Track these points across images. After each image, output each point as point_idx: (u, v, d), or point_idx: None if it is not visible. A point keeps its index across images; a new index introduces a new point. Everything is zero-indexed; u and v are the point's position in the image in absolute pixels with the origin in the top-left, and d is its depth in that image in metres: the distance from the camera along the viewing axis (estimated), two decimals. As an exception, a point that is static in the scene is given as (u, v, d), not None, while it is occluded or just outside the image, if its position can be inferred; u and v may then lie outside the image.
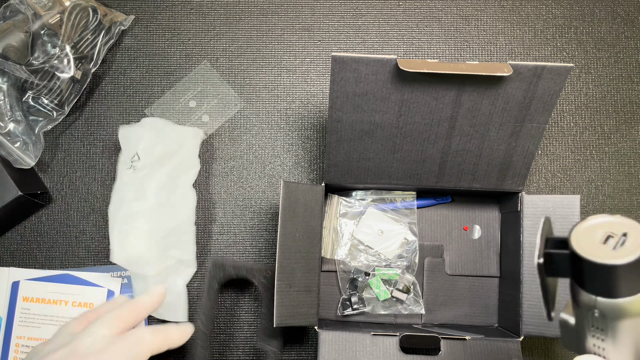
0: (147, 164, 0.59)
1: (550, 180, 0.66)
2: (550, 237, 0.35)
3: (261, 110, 0.66)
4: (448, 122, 0.54)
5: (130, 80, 0.66)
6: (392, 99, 0.52)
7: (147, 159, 0.59)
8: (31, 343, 0.61)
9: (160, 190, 0.59)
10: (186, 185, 0.61)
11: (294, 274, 0.53)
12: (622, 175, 0.66)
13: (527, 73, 0.50)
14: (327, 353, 0.53)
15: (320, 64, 0.67)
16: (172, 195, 0.60)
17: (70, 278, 0.62)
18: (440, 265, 0.63)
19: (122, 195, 0.59)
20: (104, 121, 0.66)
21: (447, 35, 0.67)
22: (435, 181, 0.58)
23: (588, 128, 0.66)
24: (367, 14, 0.68)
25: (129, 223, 0.58)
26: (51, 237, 0.64)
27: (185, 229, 0.61)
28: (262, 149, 0.66)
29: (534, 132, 0.54)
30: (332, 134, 0.55)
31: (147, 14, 0.67)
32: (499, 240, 0.63)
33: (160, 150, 0.59)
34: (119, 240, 0.58)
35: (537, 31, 0.68)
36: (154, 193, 0.59)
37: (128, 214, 0.58)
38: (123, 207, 0.58)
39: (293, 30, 0.67)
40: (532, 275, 0.56)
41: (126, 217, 0.58)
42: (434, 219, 0.64)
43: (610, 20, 0.68)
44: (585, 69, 0.67)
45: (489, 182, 0.58)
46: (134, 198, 0.58)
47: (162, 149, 0.59)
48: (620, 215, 0.33)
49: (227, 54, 0.67)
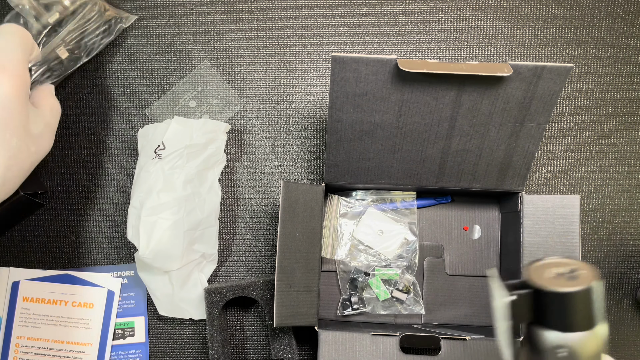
0: (174, 152, 0.58)
1: (550, 180, 0.66)
2: (505, 283, 0.36)
3: (261, 111, 0.66)
4: (448, 122, 0.54)
5: (130, 80, 0.66)
6: (392, 99, 0.52)
7: (173, 147, 0.58)
8: (31, 343, 0.61)
9: (188, 183, 0.58)
10: (213, 179, 0.61)
11: (294, 274, 0.53)
12: (622, 176, 0.66)
13: (527, 73, 0.50)
14: (327, 353, 0.53)
15: (320, 64, 0.67)
16: (200, 188, 0.59)
17: (71, 278, 0.62)
18: (440, 265, 0.63)
19: (148, 187, 0.57)
20: (104, 121, 0.66)
21: (447, 35, 0.67)
22: (435, 181, 0.58)
23: (588, 128, 0.66)
24: (367, 14, 0.68)
25: (156, 214, 0.56)
26: (51, 237, 0.64)
27: (210, 222, 0.60)
28: (262, 149, 0.66)
29: (533, 132, 0.54)
30: (332, 134, 0.55)
31: (147, 14, 0.67)
32: (499, 241, 0.63)
33: (187, 141, 0.58)
34: (145, 231, 0.56)
35: (537, 31, 0.68)
36: (182, 185, 0.57)
37: (155, 206, 0.56)
38: (150, 198, 0.57)
39: (293, 31, 0.67)
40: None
41: (153, 208, 0.56)
42: (434, 219, 0.64)
43: (610, 20, 0.68)
44: (585, 69, 0.67)
45: (489, 182, 0.58)
46: (161, 189, 0.57)
47: (190, 141, 0.58)
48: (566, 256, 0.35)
49: (227, 54, 0.67)
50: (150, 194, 0.57)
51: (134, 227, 0.57)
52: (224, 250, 0.64)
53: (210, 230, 0.61)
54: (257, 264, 0.64)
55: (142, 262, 0.58)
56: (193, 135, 0.59)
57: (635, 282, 0.64)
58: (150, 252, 0.56)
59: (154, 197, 0.57)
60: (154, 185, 0.57)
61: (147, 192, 0.57)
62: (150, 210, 0.57)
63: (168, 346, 0.63)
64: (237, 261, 0.64)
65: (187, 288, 0.60)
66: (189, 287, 0.60)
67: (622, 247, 0.65)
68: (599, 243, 0.65)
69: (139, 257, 0.57)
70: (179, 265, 0.58)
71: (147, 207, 0.57)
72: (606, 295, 0.64)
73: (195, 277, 0.60)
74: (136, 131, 0.65)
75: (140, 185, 0.58)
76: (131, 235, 0.57)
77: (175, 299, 0.59)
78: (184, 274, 0.59)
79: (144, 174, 0.58)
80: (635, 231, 0.65)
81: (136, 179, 0.59)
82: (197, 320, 0.63)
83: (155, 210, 0.57)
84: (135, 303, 0.63)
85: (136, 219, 0.57)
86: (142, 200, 0.57)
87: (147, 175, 0.58)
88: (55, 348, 0.61)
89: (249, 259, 0.64)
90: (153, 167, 0.58)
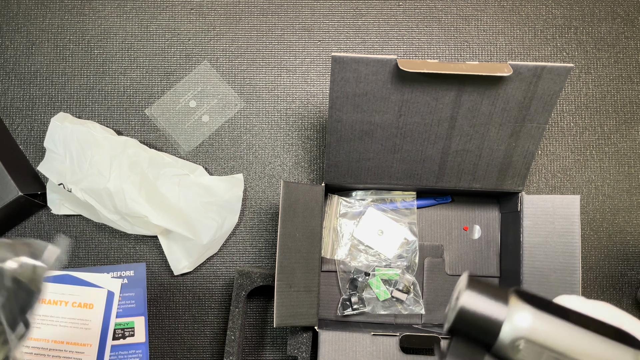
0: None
1: (550, 181, 0.66)
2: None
3: (261, 111, 0.66)
4: (448, 122, 0.54)
5: (130, 81, 0.66)
6: (392, 99, 0.52)
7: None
8: (31, 343, 0.61)
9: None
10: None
11: (294, 274, 0.53)
12: (622, 176, 0.66)
13: (527, 73, 0.50)
14: (327, 353, 0.53)
15: (320, 64, 0.67)
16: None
17: (70, 278, 0.62)
18: (440, 266, 0.63)
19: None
20: (104, 121, 0.66)
21: (447, 35, 0.67)
22: (435, 181, 0.58)
23: (588, 128, 0.66)
24: (367, 14, 0.68)
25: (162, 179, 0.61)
26: (51, 238, 0.64)
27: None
28: (262, 149, 0.66)
29: (533, 132, 0.54)
30: (332, 134, 0.55)
31: (147, 14, 0.67)
32: (499, 240, 0.63)
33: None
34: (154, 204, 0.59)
35: (537, 31, 0.68)
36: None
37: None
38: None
39: (293, 31, 0.67)
40: (532, 275, 0.55)
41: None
42: (434, 219, 0.64)
43: (610, 20, 0.68)
44: (585, 69, 0.67)
45: (489, 182, 0.58)
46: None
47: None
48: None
49: (227, 54, 0.67)
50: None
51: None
52: (224, 251, 0.64)
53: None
54: (257, 264, 0.64)
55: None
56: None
57: (635, 282, 0.64)
58: (163, 220, 0.60)
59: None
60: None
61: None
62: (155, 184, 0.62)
63: (168, 346, 0.63)
64: (237, 261, 0.64)
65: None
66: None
67: (622, 247, 0.65)
68: (599, 243, 0.65)
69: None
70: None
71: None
72: (606, 295, 0.64)
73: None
74: (136, 131, 0.65)
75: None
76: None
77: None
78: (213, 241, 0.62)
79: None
80: (635, 231, 0.65)
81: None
82: (197, 321, 0.63)
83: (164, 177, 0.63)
84: (135, 303, 0.63)
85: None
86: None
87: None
88: (55, 348, 0.61)
89: (249, 258, 0.64)
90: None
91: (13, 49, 0.66)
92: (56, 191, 0.62)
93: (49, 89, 0.66)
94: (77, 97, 0.66)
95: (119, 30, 0.67)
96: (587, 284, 0.64)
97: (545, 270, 0.55)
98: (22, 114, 0.66)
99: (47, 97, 0.66)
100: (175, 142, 0.65)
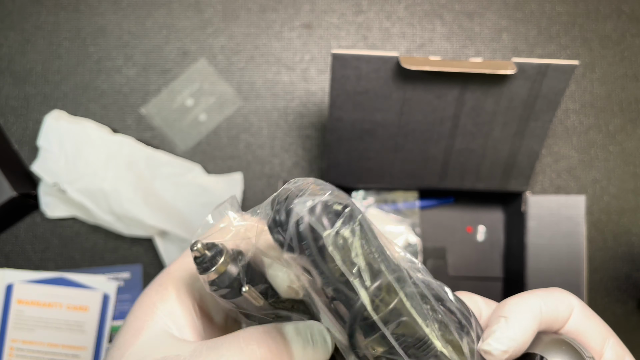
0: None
1: (555, 180, 0.65)
2: None
3: (260, 109, 0.65)
4: (451, 121, 0.53)
5: (126, 78, 0.65)
6: (394, 97, 0.51)
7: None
8: (26, 346, 0.60)
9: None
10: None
11: (293, 276, 0.53)
12: (627, 175, 0.65)
13: (531, 71, 0.49)
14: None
15: (320, 61, 0.66)
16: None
17: (65, 281, 0.61)
18: (442, 267, 0.62)
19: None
20: (99, 119, 0.65)
21: (450, 32, 0.66)
22: (438, 181, 0.57)
23: (593, 127, 0.65)
24: (368, 10, 0.67)
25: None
26: (46, 239, 0.63)
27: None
28: (261, 148, 0.65)
29: (538, 131, 0.53)
30: (333, 133, 0.54)
31: (143, 10, 0.66)
32: (502, 242, 0.62)
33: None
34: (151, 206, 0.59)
35: (542, 28, 0.67)
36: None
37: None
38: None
39: (292, 27, 0.66)
40: (536, 277, 0.55)
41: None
42: (437, 220, 0.63)
43: (616, 17, 0.67)
44: (590, 67, 0.66)
45: (493, 182, 0.57)
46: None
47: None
48: None
49: (225, 51, 0.66)
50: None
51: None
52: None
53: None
54: (256, 266, 0.63)
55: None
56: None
57: (641, 284, 0.64)
58: (159, 220, 0.60)
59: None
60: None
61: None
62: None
63: (165, 349, 0.62)
64: (236, 263, 0.63)
65: None
66: None
67: (628, 249, 0.64)
68: (605, 244, 0.64)
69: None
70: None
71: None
72: (611, 297, 0.63)
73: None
74: (132, 130, 0.64)
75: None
76: None
77: None
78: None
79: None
80: (641, 232, 0.64)
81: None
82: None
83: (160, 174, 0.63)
84: (132, 305, 0.62)
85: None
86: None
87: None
88: (50, 351, 0.60)
89: (247, 260, 0.63)
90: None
91: (7, 46, 0.65)
92: (49, 193, 0.62)
93: (43, 87, 0.65)
94: (72, 95, 0.65)
95: (114, 27, 0.66)
96: (591, 285, 0.63)
97: (550, 272, 0.54)
98: (15, 113, 0.65)
99: (42, 95, 0.65)
100: (172, 141, 0.64)
